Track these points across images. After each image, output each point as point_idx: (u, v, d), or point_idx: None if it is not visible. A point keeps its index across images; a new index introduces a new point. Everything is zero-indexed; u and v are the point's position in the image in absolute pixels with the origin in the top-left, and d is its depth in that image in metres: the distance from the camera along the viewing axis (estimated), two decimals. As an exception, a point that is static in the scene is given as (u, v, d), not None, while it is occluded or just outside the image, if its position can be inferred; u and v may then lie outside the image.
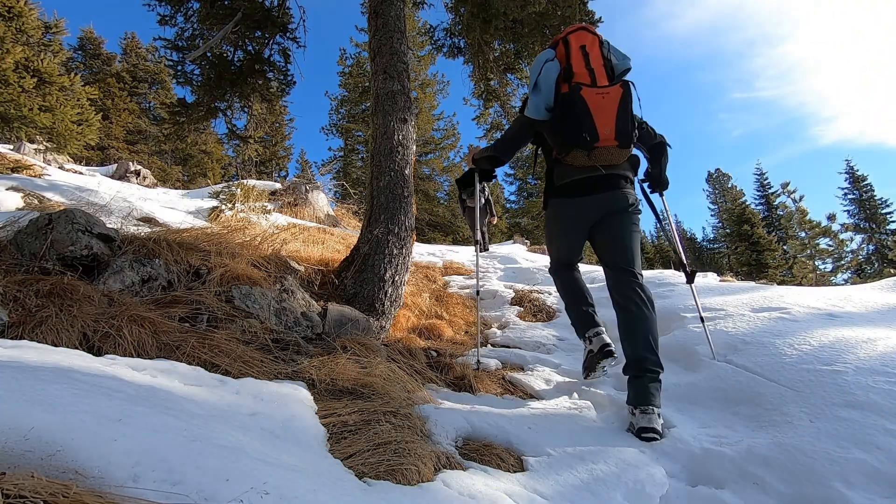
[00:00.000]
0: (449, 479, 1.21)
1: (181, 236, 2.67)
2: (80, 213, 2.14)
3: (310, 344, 2.24)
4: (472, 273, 5.95)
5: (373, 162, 3.34)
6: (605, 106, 1.91)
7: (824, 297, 2.76)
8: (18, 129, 7.31)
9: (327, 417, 1.40)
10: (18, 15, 8.07)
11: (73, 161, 10.41)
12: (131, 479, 0.71)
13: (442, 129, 21.50)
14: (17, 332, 1.49)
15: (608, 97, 1.92)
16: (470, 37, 5.15)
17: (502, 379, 2.42)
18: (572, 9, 4.71)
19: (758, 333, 2.28)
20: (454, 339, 3.36)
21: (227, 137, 19.11)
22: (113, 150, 16.30)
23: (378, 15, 3.62)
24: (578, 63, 2.04)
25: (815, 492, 1.30)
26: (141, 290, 2.06)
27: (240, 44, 4.89)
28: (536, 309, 4.11)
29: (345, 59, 21.26)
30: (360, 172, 20.37)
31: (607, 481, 1.39)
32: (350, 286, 3.00)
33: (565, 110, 1.98)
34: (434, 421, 1.57)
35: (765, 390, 1.84)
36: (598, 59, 2.05)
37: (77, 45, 19.38)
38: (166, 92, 20.02)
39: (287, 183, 10.28)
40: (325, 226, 8.17)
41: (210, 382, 1.37)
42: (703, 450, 1.58)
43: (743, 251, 24.57)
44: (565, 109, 1.98)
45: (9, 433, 0.70)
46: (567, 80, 2.03)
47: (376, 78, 3.51)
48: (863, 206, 24.86)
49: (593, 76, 2.01)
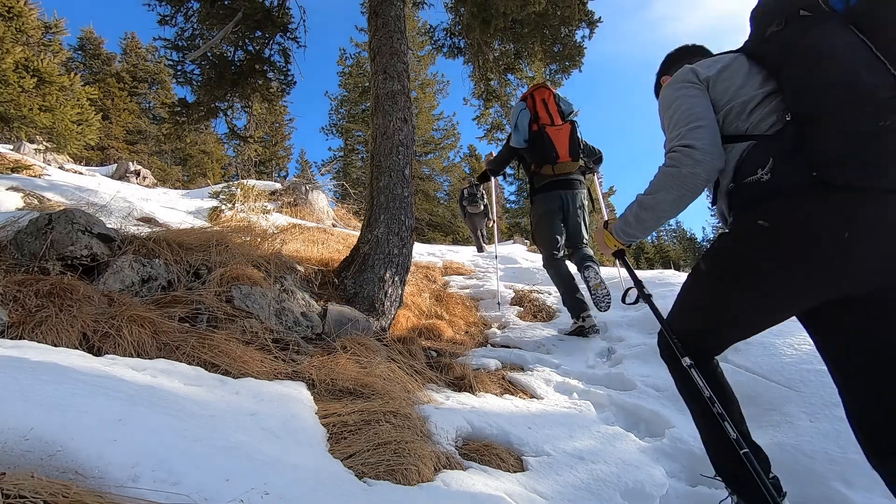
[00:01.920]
0: (449, 479, 1.21)
1: (181, 236, 2.67)
2: (79, 213, 2.14)
3: (310, 344, 2.24)
4: (472, 273, 5.95)
5: (373, 162, 3.34)
6: (560, 136, 3.16)
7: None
8: (18, 129, 7.31)
9: (327, 417, 1.40)
10: (18, 15, 8.07)
11: (73, 161, 10.41)
12: (131, 479, 0.71)
13: (442, 129, 21.48)
14: (17, 332, 1.49)
15: (562, 131, 3.18)
16: (470, 37, 5.15)
17: (502, 379, 2.42)
18: (571, 9, 4.71)
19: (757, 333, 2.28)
20: (454, 339, 3.36)
21: (227, 137, 19.12)
22: (113, 150, 16.30)
23: (378, 15, 3.62)
24: (542, 111, 3.26)
25: (816, 492, 1.30)
26: (141, 290, 2.06)
27: (240, 44, 4.89)
28: (536, 309, 4.11)
29: (345, 59, 21.26)
30: (360, 172, 20.37)
31: (607, 481, 1.39)
32: (350, 286, 3.00)
33: (536, 142, 3.20)
34: (434, 421, 1.57)
35: (765, 390, 1.84)
36: (554, 107, 3.28)
37: (77, 45, 19.37)
38: (166, 92, 20.02)
39: (287, 183, 10.28)
40: (324, 226, 8.17)
41: (210, 382, 1.37)
42: (702, 450, 1.58)
43: (743, 251, 24.53)
44: (536, 141, 3.20)
45: (9, 433, 0.70)
46: (535, 121, 3.24)
47: (376, 78, 3.51)
48: (863, 206, 24.85)
49: (552, 118, 3.24)
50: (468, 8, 4.72)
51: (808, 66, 0.95)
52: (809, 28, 0.96)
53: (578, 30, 5.08)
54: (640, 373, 2.35)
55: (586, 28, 5.08)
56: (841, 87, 0.88)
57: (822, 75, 0.92)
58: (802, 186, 0.93)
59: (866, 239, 0.89)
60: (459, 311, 4.14)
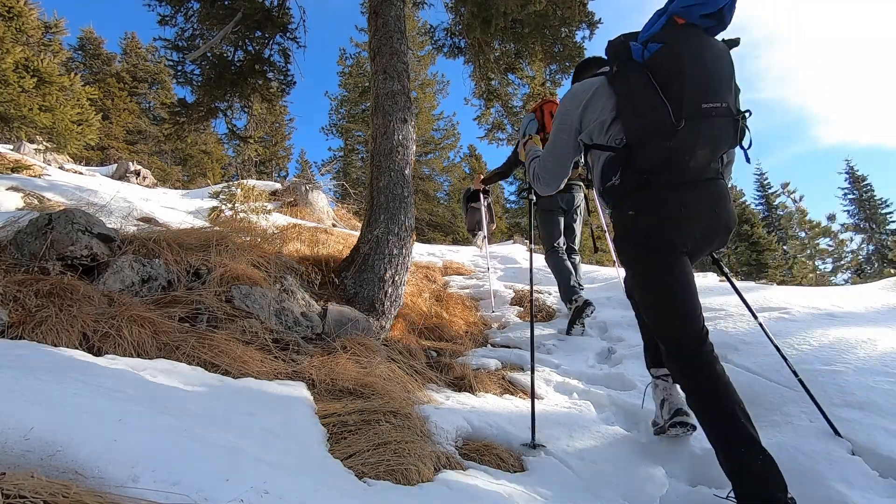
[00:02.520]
0: (449, 480, 1.21)
1: (181, 236, 2.67)
2: (79, 213, 2.14)
3: (310, 344, 2.24)
4: (472, 273, 5.95)
5: (373, 162, 3.34)
6: None
7: (824, 297, 2.76)
8: (18, 129, 7.31)
9: (327, 417, 1.40)
10: (18, 15, 8.06)
11: (73, 161, 10.41)
12: (131, 479, 0.71)
13: (442, 129, 21.46)
14: (17, 332, 1.49)
15: None
16: (470, 36, 5.15)
17: (502, 379, 2.42)
18: (572, 9, 4.71)
19: (758, 333, 2.27)
20: (454, 339, 3.36)
21: (227, 137, 19.09)
22: (113, 150, 16.29)
23: (378, 15, 3.62)
24: (549, 122, 3.34)
25: (816, 492, 1.30)
26: (141, 290, 2.06)
27: (240, 44, 4.88)
28: (536, 309, 4.11)
29: (345, 59, 21.24)
30: (360, 172, 20.36)
31: (607, 481, 1.39)
32: (350, 286, 3.00)
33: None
34: (434, 421, 1.57)
35: (765, 390, 1.84)
36: None
37: (77, 45, 19.36)
38: (166, 92, 20.00)
39: (287, 183, 10.27)
40: (324, 226, 8.18)
41: (210, 382, 1.37)
42: (703, 450, 1.58)
43: (743, 251, 24.54)
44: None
45: (9, 433, 0.70)
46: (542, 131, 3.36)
47: (376, 78, 3.51)
48: (863, 207, 24.84)
49: None
50: (468, 8, 4.72)
51: (627, 103, 1.37)
52: (626, 74, 1.38)
53: (579, 30, 5.08)
54: (640, 373, 2.35)
55: (587, 29, 5.09)
56: (647, 121, 1.31)
57: (635, 112, 1.34)
58: (642, 185, 1.37)
59: (693, 209, 1.36)
60: (459, 311, 4.14)
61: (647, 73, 1.31)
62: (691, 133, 1.27)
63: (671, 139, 1.28)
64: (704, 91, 1.28)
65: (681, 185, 1.35)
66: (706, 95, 1.28)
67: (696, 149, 1.30)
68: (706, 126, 1.28)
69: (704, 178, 1.36)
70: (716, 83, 1.30)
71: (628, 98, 1.36)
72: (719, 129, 1.31)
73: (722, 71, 1.32)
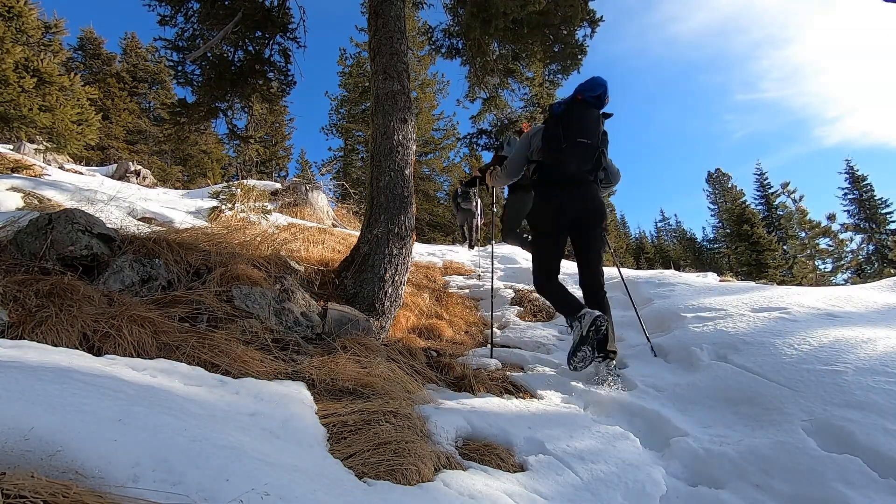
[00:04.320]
0: (449, 479, 1.21)
1: (181, 236, 2.67)
2: (80, 213, 2.14)
3: (310, 344, 2.24)
4: (472, 273, 5.95)
5: (373, 162, 3.34)
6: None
7: (824, 297, 2.76)
8: (18, 129, 7.31)
9: (327, 417, 1.40)
10: (18, 15, 8.06)
11: (73, 161, 10.41)
12: (131, 479, 0.71)
13: (442, 129, 21.45)
14: (17, 332, 1.49)
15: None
16: (469, 37, 5.14)
17: (502, 379, 2.42)
18: (574, 8, 4.70)
19: (758, 333, 2.28)
20: (454, 339, 3.36)
21: (228, 137, 19.03)
22: (113, 150, 16.28)
23: (378, 15, 3.62)
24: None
25: (816, 492, 1.30)
26: (141, 290, 2.06)
27: (240, 44, 4.88)
28: (536, 309, 4.11)
29: (345, 59, 21.23)
30: (360, 172, 20.35)
31: (607, 481, 1.39)
32: (350, 286, 3.00)
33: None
34: (434, 421, 1.57)
35: (765, 390, 1.84)
36: None
37: (77, 45, 19.35)
38: (166, 92, 20.00)
39: (287, 183, 10.28)
40: (325, 226, 8.17)
41: (210, 382, 1.37)
42: (703, 450, 1.58)
43: (743, 251, 24.56)
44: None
45: (9, 433, 0.70)
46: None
47: (376, 78, 3.50)
48: (863, 207, 24.82)
49: None
50: (468, 8, 4.71)
51: (547, 142, 2.49)
52: (552, 124, 2.49)
53: (579, 29, 5.08)
54: (640, 373, 2.35)
55: (588, 27, 5.08)
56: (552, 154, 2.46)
57: (549, 146, 2.47)
58: (544, 184, 2.51)
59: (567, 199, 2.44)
60: (459, 311, 4.14)
61: (559, 120, 2.45)
62: (569, 153, 2.40)
63: (560, 162, 2.43)
64: (580, 132, 2.40)
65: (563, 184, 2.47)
66: (581, 133, 2.40)
67: (571, 163, 2.41)
68: (578, 150, 2.41)
69: (578, 181, 2.46)
70: (586, 130, 2.40)
71: (548, 139, 2.48)
72: (584, 153, 2.42)
73: (591, 124, 2.42)
